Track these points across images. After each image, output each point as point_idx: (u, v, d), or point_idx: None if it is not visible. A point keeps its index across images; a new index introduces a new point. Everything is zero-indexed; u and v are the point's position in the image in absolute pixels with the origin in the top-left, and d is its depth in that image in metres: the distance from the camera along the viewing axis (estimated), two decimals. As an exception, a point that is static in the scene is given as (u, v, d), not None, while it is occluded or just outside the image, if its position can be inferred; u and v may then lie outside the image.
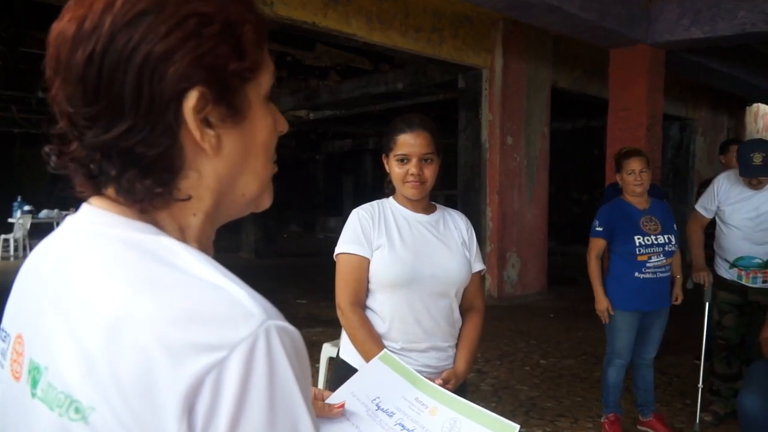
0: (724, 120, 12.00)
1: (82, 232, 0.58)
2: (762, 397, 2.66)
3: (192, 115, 0.54)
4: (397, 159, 1.75)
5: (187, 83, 0.54)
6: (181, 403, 0.48)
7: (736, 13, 5.50)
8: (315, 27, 5.21)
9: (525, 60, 7.27)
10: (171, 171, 0.56)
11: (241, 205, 0.64)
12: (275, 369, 0.50)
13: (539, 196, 7.67)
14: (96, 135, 0.54)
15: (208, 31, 0.55)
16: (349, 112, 11.90)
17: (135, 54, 0.52)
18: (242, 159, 0.60)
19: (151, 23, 0.53)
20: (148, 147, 0.54)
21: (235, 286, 0.53)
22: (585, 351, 5.12)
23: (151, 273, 0.53)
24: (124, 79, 0.52)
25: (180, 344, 0.49)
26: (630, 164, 3.16)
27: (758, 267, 3.40)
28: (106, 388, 0.50)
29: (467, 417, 0.97)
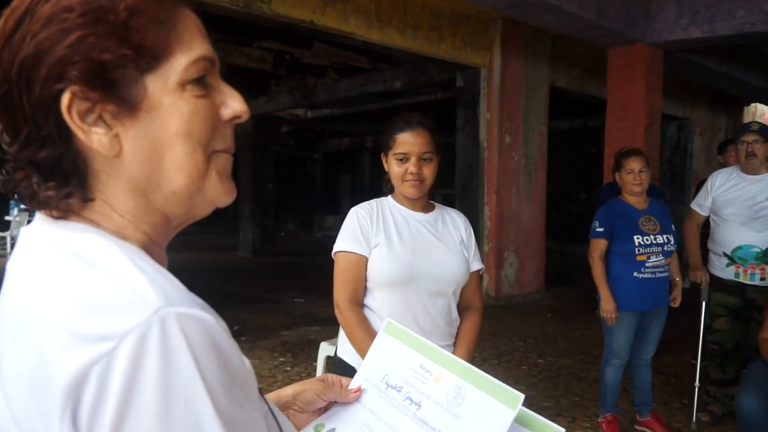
0: (722, 120, 12.02)
1: (27, 240, 0.58)
2: (760, 397, 2.66)
3: (68, 116, 0.52)
4: (397, 158, 1.75)
5: (60, 84, 0.51)
6: (64, 399, 0.45)
7: (735, 12, 5.51)
8: (313, 25, 5.20)
9: (523, 59, 7.27)
10: (72, 175, 0.54)
11: (181, 204, 0.59)
12: (170, 360, 0.46)
13: (537, 196, 7.67)
14: (8, 146, 0.54)
15: (69, 24, 0.51)
16: (347, 111, 11.89)
17: (13, 65, 0.52)
18: (153, 154, 0.56)
19: (23, 32, 0.51)
20: (46, 152, 0.53)
21: (141, 275, 0.50)
22: (582, 350, 5.12)
23: (63, 270, 0.51)
24: (10, 93, 0.52)
25: (68, 336, 0.46)
26: (630, 164, 3.16)
27: (756, 259, 3.39)
28: (6, 385, 0.49)
29: (472, 383, 0.97)
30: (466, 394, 0.97)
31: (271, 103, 10.80)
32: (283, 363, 4.63)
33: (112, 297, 0.48)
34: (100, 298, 0.48)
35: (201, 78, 0.57)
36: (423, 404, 0.97)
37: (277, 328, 5.69)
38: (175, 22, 0.56)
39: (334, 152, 18.29)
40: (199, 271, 8.44)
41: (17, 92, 0.52)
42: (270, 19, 5.03)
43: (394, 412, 0.96)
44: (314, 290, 7.51)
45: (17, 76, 0.51)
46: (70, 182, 0.54)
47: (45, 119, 0.52)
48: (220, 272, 9.12)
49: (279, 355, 4.82)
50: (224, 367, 0.49)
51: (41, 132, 0.52)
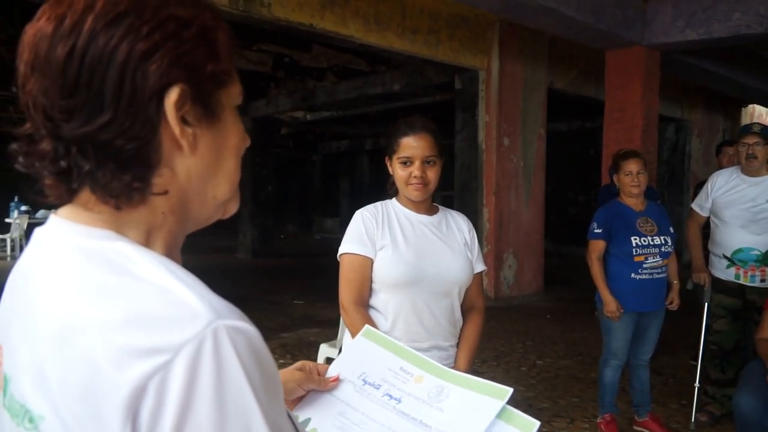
0: (720, 121, 12.05)
1: (45, 244, 0.59)
2: (757, 398, 2.67)
3: (173, 111, 0.56)
4: (400, 161, 1.78)
5: (168, 80, 0.56)
6: (124, 410, 0.47)
7: (730, 15, 5.54)
8: (312, 28, 5.22)
9: (521, 61, 7.30)
10: (148, 166, 0.57)
11: (211, 209, 0.65)
12: (224, 371, 0.48)
13: (536, 197, 7.69)
14: (74, 127, 0.54)
15: (187, 34, 0.57)
16: (346, 113, 11.91)
17: (117, 51, 0.54)
18: (215, 160, 0.62)
19: (131, 23, 0.55)
20: (127, 140, 0.55)
21: (184, 287, 0.52)
22: (581, 351, 5.14)
23: (101, 280, 0.53)
24: (105, 74, 0.54)
25: (122, 350, 0.48)
26: (628, 165, 3.18)
27: (756, 261, 3.40)
28: (54, 398, 0.50)
29: (455, 384, 0.97)
30: (449, 392, 0.97)
31: (270, 105, 10.82)
32: (283, 365, 4.60)
33: (163, 310, 0.50)
34: (150, 312, 0.50)
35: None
36: (403, 400, 0.97)
37: (277, 329, 5.70)
38: (233, 57, 0.65)
39: (333, 154, 18.30)
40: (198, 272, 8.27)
41: (118, 77, 0.54)
42: (269, 23, 5.06)
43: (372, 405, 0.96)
44: (313, 292, 7.52)
45: (124, 62, 0.54)
46: (145, 172, 0.57)
47: (143, 109, 0.55)
48: (219, 274, 9.13)
49: (278, 356, 4.84)
50: (265, 375, 0.52)
51: (131, 119, 0.55)
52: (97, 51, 0.54)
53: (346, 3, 5.41)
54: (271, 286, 8.22)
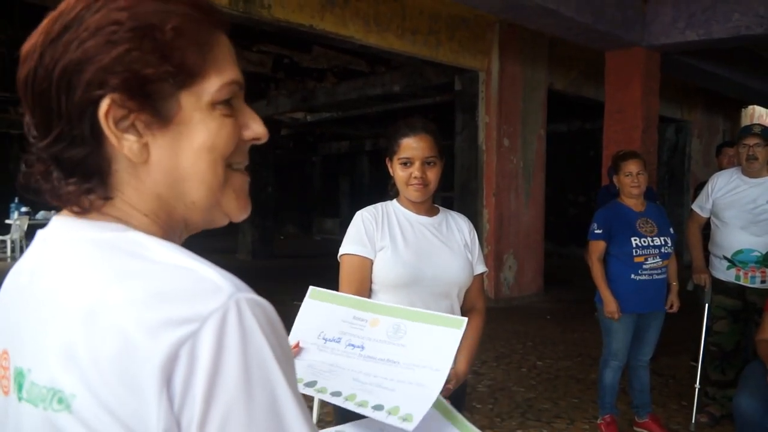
0: (720, 122, 12.05)
1: (52, 241, 0.61)
2: (758, 399, 2.67)
3: (104, 121, 0.56)
4: (401, 162, 1.79)
5: (100, 90, 0.55)
6: (159, 376, 0.49)
7: (730, 16, 5.54)
8: (312, 29, 5.23)
9: (521, 62, 7.30)
10: (99, 174, 0.58)
11: (199, 214, 0.63)
12: (248, 338, 0.51)
13: (536, 198, 7.70)
14: (39, 142, 0.58)
15: (118, 36, 0.55)
16: (346, 114, 11.92)
17: (56, 67, 0.55)
18: (178, 164, 0.60)
19: (70, 37, 0.55)
20: (72, 152, 0.57)
21: (204, 265, 0.55)
22: (581, 352, 5.13)
23: (120, 265, 0.55)
24: (48, 91, 0.56)
25: (154, 322, 0.50)
26: (628, 166, 3.18)
27: (756, 263, 3.39)
28: (86, 374, 0.52)
29: (410, 319, 1.01)
30: (406, 328, 1.02)
31: (270, 106, 10.83)
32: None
33: (188, 285, 0.53)
34: (176, 287, 0.53)
35: (229, 99, 0.62)
36: (366, 345, 1.02)
37: (277, 331, 5.69)
38: (212, 46, 0.60)
39: (333, 155, 18.30)
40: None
41: (56, 92, 0.55)
42: (269, 24, 5.06)
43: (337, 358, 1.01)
44: (314, 293, 7.52)
45: (59, 77, 0.55)
46: (92, 179, 0.58)
47: (80, 121, 0.56)
48: (219, 275, 9.11)
49: (279, 357, 4.83)
50: (281, 346, 0.55)
51: (74, 131, 0.56)
52: (42, 69, 0.56)
53: (346, 4, 5.42)
54: (271, 286, 8.20)
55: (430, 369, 0.99)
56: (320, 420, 3.37)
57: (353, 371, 1.00)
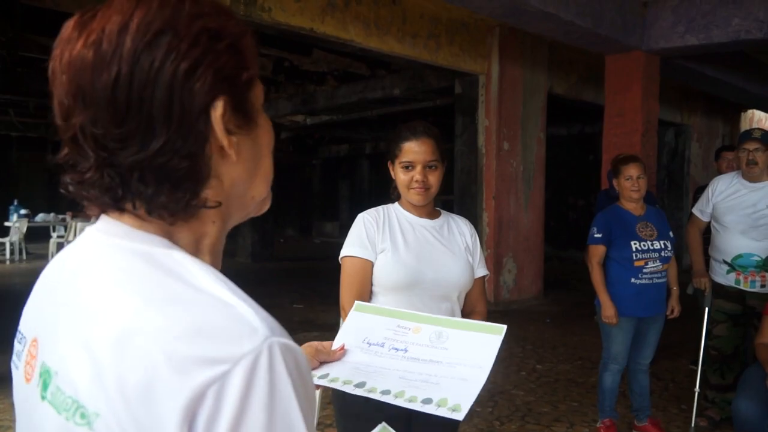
0: (719, 126, 12.07)
1: (99, 243, 0.61)
2: (757, 402, 2.67)
3: (220, 123, 0.58)
4: (402, 166, 1.80)
5: (213, 95, 0.57)
6: (182, 414, 0.49)
7: (730, 20, 5.55)
8: (312, 33, 5.24)
9: (521, 66, 7.31)
10: (200, 181, 0.59)
11: (249, 208, 0.67)
12: (276, 385, 0.51)
13: (535, 202, 7.70)
14: (130, 154, 0.55)
15: (220, 46, 0.58)
16: (346, 117, 11.93)
17: (162, 72, 0.54)
18: (254, 162, 0.64)
19: (170, 42, 0.55)
20: (181, 159, 0.56)
21: (243, 303, 0.55)
22: (581, 356, 5.13)
23: (161, 287, 0.55)
24: (152, 97, 0.54)
25: (185, 357, 0.50)
26: (628, 170, 3.18)
27: (756, 267, 3.39)
28: (111, 397, 0.51)
29: (451, 328, 1.08)
30: (448, 335, 1.09)
31: (270, 109, 10.84)
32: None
33: (225, 324, 0.52)
34: (213, 324, 0.52)
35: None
36: (409, 349, 1.08)
37: (276, 333, 5.69)
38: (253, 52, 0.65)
39: (333, 158, 18.31)
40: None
41: (167, 99, 0.55)
42: (270, 27, 5.07)
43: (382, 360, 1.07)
44: (313, 296, 7.52)
45: (171, 83, 0.55)
46: (194, 189, 0.59)
47: (196, 125, 0.57)
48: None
49: (278, 360, 4.82)
50: (306, 390, 0.55)
51: (186, 137, 0.56)
52: (142, 74, 0.54)
53: (346, 7, 5.43)
54: (271, 289, 8.21)
55: (473, 366, 1.06)
56: (319, 423, 3.37)
57: (399, 370, 1.07)
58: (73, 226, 11.39)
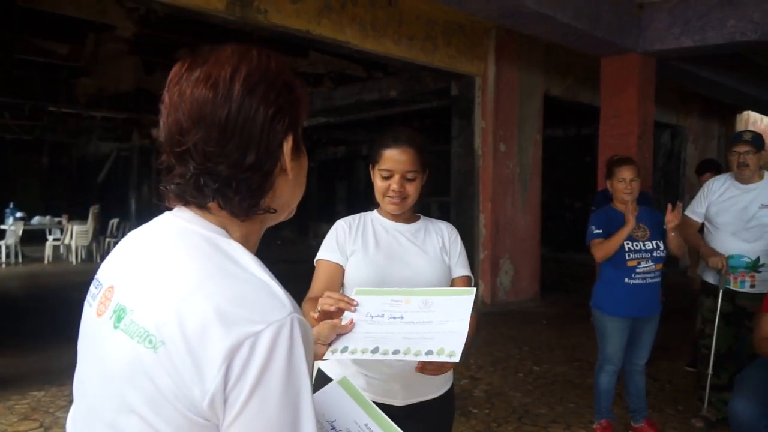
0: (715, 127, 12.11)
1: (174, 225, 0.81)
2: (754, 403, 2.67)
3: (289, 153, 0.81)
4: (381, 174, 1.76)
5: (287, 132, 0.80)
6: (224, 355, 0.67)
7: (725, 22, 5.57)
8: (309, 35, 5.24)
9: (517, 68, 7.33)
10: (265, 192, 0.81)
11: (284, 215, 0.89)
12: (293, 348, 0.69)
13: (532, 203, 7.71)
14: (229, 167, 0.76)
15: (293, 96, 0.82)
16: (343, 119, 11.93)
17: (258, 113, 0.77)
18: (298, 180, 0.87)
19: (264, 91, 0.78)
20: (260, 176, 0.78)
21: (276, 284, 0.75)
22: (578, 357, 5.14)
23: (219, 263, 0.75)
24: (251, 130, 0.76)
25: (231, 316, 0.69)
26: (621, 172, 3.20)
27: (746, 268, 3.41)
28: (174, 333, 0.70)
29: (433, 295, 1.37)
30: (433, 301, 1.42)
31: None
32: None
33: (263, 296, 0.72)
34: (254, 295, 0.72)
35: None
36: (404, 315, 1.40)
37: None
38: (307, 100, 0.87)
39: (330, 160, 18.30)
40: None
41: (261, 131, 0.77)
42: (266, 29, 5.07)
43: (385, 326, 1.38)
44: (310, 298, 7.50)
45: (266, 122, 0.77)
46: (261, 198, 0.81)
47: (277, 151, 0.79)
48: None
49: (275, 363, 4.82)
50: (310, 360, 0.73)
51: (268, 159, 0.79)
52: (245, 113, 0.76)
53: (342, 9, 5.43)
54: (268, 292, 8.20)
55: (457, 320, 1.37)
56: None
57: (401, 333, 1.37)
58: (69, 229, 11.36)
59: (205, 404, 0.67)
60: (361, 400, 1.21)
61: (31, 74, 9.16)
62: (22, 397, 3.97)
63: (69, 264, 11.17)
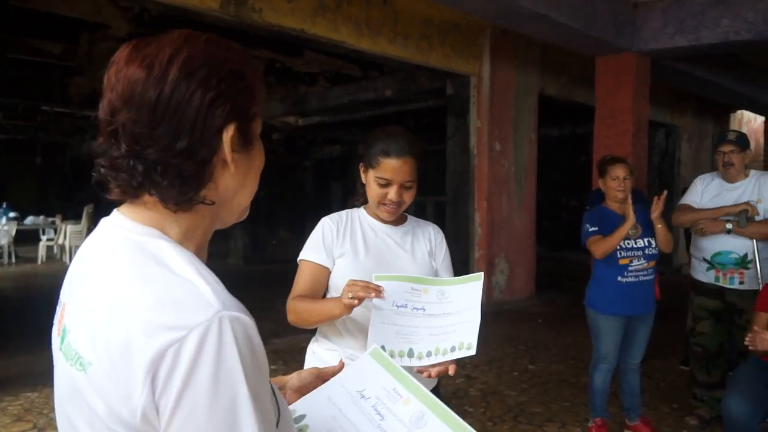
0: (709, 127, 12.15)
1: (107, 231, 0.78)
2: (748, 401, 2.68)
3: (228, 143, 0.75)
4: (378, 182, 1.70)
5: (227, 120, 0.75)
6: (147, 368, 0.64)
7: (719, 22, 5.59)
8: (304, 34, 5.23)
9: (513, 67, 7.33)
10: (203, 182, 0.76)
11: (233, 215, 0.84)
12: (222, 349, 0.65)
13: (527, 202, 7.72)
14: (157, 151, 0.72)
15: (240, 84, 0.77)
16: (338, 119, 11.92)
17: (194, 97, 0.72)
18: (245, 177, 0.81)
19: (204, 76, 0.73)
20: (194, 164, 0.73)
21: (204, 282, 0.69)
22: (573, 356, 5.15)
23: (144, 269, 0.71)
24: (184, 114, 0.72)
25: (152, 324, 0.65)
26: (615, 170, 3.21)
27: (735, 264, 3.44)
28: (99, 351, 0.68)
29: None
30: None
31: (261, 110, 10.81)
32: (275, 371, 4.62)
33: (186, 298, 0.68)
34: (176, 298, 0.68)
35: None
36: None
37: (268, 336, 5.68)
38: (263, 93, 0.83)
39: (325, 159, 18.29)
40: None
41: (195, 116, 0.72)
42: (261, 28, 5.06)
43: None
44: (305, 298, 7.49)
45: (201, 106, 0.72)
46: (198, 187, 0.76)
47: (211, 139, 0.74)
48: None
49: (270, 362, 4.79)
50: (255, 357, 0.69)
51: (202, 146, 0.73)
52: (180, 96, 0.71)
53: (337, 8, 5.42)
54: (263, 291, 8.17)
55: (470, 309, 1.43)
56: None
57: (426, 328, 1.38)
58: (62, 229, 11.31)
59: (137, 420, 0.65)
60: (392, 368, 1.16)
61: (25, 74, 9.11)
62: (15, 398, 3.96)
63: (63, 264, 11.13)
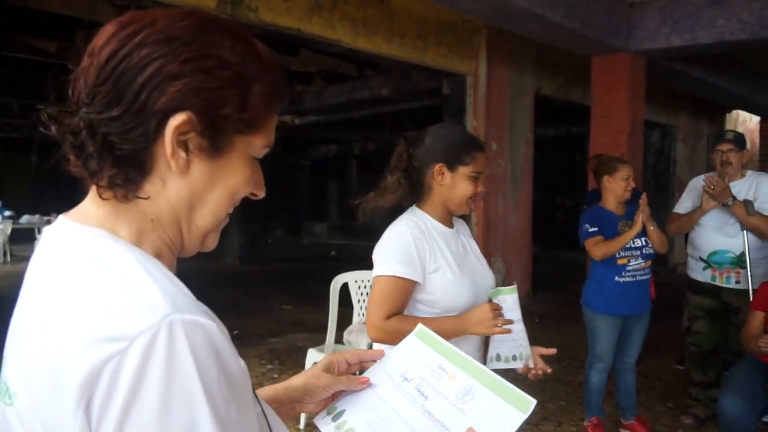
0: (705, 127, 12.18)
1: (48, 242, 0.64)
2: (742, 400, 2.69)
3: (171, 132, 0.60)
4: (472, 176, 1.71)
5: (179, 105, 0.60)
6: (79, 392, 0.50)
7: (714, 21, 5.61)
8: (300, 33, 5.22)
9: (509, 67, 7.34)
10: (139, 171, 0.62)
11: (193, 237, 0.67)
12: (175, 362, 0.51)
13: (523, 202, 7.73)
14: (89, 112, 0.60)
15: (221, 74, 0.62)
16: (334, 118, 11.91)
17: (150, 64, 0.60)
18: (205, 191, 0.65)
19: (176, 48, 0.61)
20: (123, 140, 0.60)
21: (151, 282, 0.55)
22: (569, 355, 5.16)
23: (80, 273, 0.57)
24: (132, 79, 0.59)
25: (86, 336, 0.52)
26: (625, 170, 3.24)
27: (731, 263, 3.45)
28: (28, 378, 0.56)
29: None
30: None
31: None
32: (271, 370, 4.62)
33: (125, 302, 0.53)
34: (113, 302, 0.54)
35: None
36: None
37: (265, 335, 5.67)
38: (273, 114, 0.69)
39: (322, 159, 18.28)
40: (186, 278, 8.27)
41: (142, 86, 0.59)
42: (256, 27, 5.05)
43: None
44: (302, 297, 7.49)
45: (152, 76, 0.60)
46: (130, 171, 0.62)
47: (149, 118, 0.60)
48: (207, 279, 9.05)
49: (266, 362, 4.81)
50: (222, 370, 0.55)
51: (137, 119, 0.60)
52: (135, 60, 0.60)
53: (333, 7, 5.42)
54: (260, 291, 8.18)
55: None
56: (307, 424, 3.36)
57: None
58: (58, 228, 11.27)
59: None
60: (438, 346, 1.06)
61: (20, 72, 9.08)
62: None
63: (58, 263, 11.09)
